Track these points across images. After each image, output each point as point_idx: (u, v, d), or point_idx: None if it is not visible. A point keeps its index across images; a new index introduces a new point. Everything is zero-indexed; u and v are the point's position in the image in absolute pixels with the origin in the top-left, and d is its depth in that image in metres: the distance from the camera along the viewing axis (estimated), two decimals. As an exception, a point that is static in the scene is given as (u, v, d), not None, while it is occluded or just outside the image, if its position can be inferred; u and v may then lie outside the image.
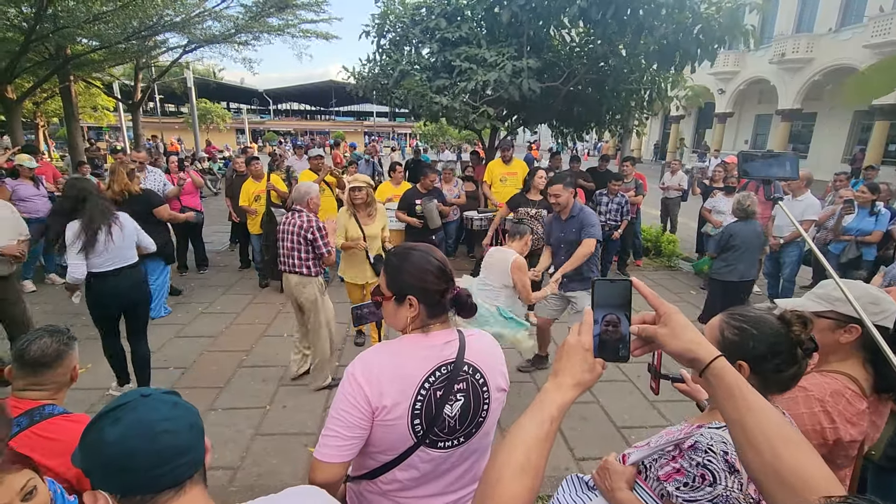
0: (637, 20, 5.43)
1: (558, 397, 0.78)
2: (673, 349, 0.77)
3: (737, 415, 0.71)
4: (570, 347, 0.81)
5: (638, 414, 3.48)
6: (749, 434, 0.69)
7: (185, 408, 0.81)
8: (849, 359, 1.38)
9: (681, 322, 0.78)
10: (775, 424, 0.69)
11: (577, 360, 0.80)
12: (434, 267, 1.25)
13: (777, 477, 0.66)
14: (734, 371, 0.74)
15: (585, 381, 0.80)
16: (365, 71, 7.13)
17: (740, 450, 0.71)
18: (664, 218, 8.52)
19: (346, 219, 4.02)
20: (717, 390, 0.74)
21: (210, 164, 16.57)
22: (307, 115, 59.06)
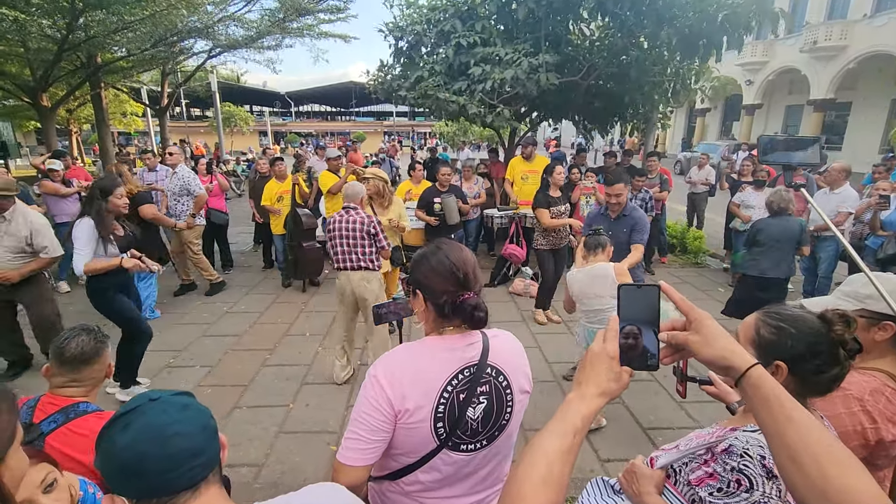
0: (656, 11, 5.29)
1: (582, 407, 0.75)
2: (705, 357, 0.73)
3: (776, 427, 0.67)
4: (595, 356, 0.78)
5: (664, 415, 3.40)
6: (791, 449, 0.65)
7: (196, 409, 0.81)
8: (886, 356, 1.32)
9: (713, 328, 0.74)
10: (820, 439, 0.64)
11: (602, 369, 0.77)
12: (445, 269, 1.21)
13: (823, 497, 0.61)
14: (772, 380, 0.70)
15: (611, 391, 0.77)
16: (382, 77, 7.18)
17: (781, 465, 0.67)
18: (690, 214, 8.31)
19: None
20: (754, 400, 0.70)
21: (234, 167, 16.93)
22: (328, 116, 59.82)
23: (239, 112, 31.74)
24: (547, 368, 4.07)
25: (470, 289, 1.22)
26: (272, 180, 6.09)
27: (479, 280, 1.27)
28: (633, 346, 0.77)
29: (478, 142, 22.32)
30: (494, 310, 5.38)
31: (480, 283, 1.27)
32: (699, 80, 7.39)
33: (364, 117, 55.76)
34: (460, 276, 1.21)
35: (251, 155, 21.66)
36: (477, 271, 1.27)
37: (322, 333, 4.72)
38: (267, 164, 6.77)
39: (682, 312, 0.77)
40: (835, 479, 0.61)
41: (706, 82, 7.99)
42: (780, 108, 24.22)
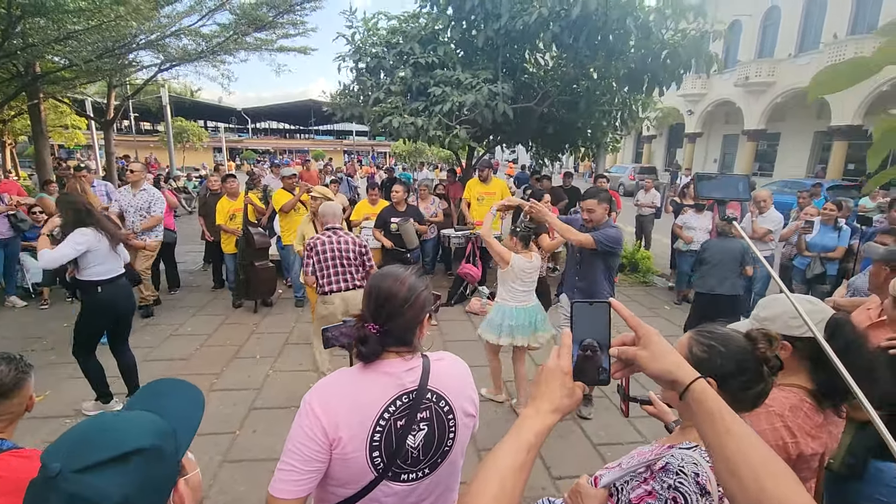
0: (607, 46, 5.63)
1: (537, 424, 0.76)
2: (653, 371, 0.76)
3: (717, 440, 0.69)
4: (549, 372, 0.79)
5: (615, 431, 3.48)
6: (730, 461, 0.66)
7: None
8: (799, 372, 1.41)
9: (661, 344, 0.77)
10: (757, 452, 0.66)
11: (556, 385, 0.78)
12: (370, 290, 1.21)
13: None
14: (714, 394, 0.72)
15: (565, 407, 0.77)
16: (340, 99, 7.21)
17: (721, 477, 0.69)
18: (639, 234, 8.70)
19: (306, 224, 4.35)
20: (697, 414, 0.72)
21: (185, 183, 16.31)
22: (286, 133, 58.90)
23: (192, 127, 30.72)
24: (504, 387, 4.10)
25: (376, 321, 1.17)
26: (224, 198, 5.92)
27: (397, 319, 1.18)
28: (590, 360, 0.78)
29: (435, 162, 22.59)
30: (451, 329, 5.40)
31: (401, 323, 1.19)
32: (645, 110, 7.86)
33: (323, 136, 55.33)
34: (372, 304, 1.19)
35: (204, 171, 20.98)
36: (396, 309, 1.18)
37: (273, 356, 4.57)
38: (218, 182, 6.58)
39: (630, 328, 0.79)
40: (771, 490, 0.63)
41: (651, 112, 8.46)
42: (719, 136, 25.99)
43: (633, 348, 0.77)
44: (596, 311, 0.80)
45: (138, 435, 0.67)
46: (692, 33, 5.70)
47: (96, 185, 6.19)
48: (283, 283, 6.60)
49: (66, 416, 3.45)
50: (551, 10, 5.32)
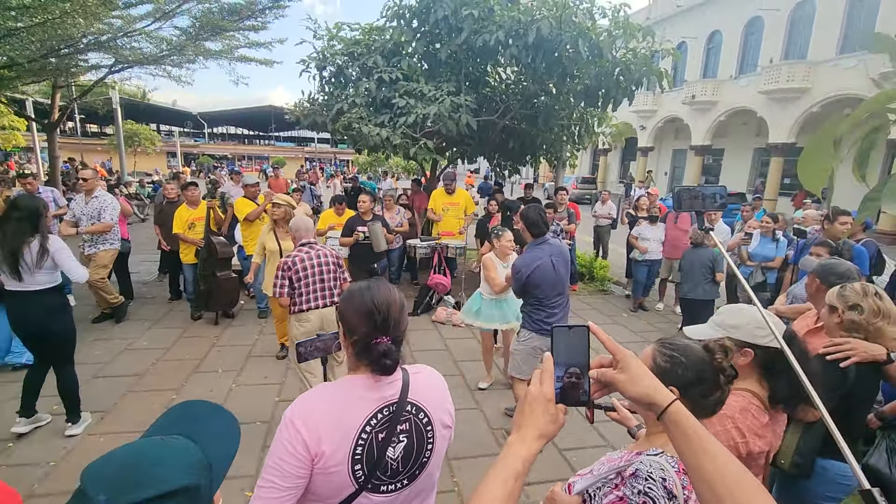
0: (563, 64, 5.89)
1: (522, 451, 0.77)
2: (632, 395, 0.79)
3: (694, 459, 0.73)
4: (533, 399, 0.80)
5: (579, 436, 3.60)
6: (707, 478, 0.71)
7: None
8: (750, 377, 1.55)
9: (638, 368, 0.80)
10: (733, 470, 0.71)
11: (539, 412, 0.78)
12: (365, 308, 1.21)
13: None
14: (690, 415, 0.76)
15: (549, 433, 0.78)
16: (304, 107, 7.17)
17: (699, 493, 0.73)
18: (596, 245, 9.04)
19: (266, 233, 4.32)
20: (675, 434, 0.76)
21: (137, 189, 15.58)
22: (245, 139, 57.34)
23: (144, 131, 29.43)
24: (469, 396, 4.18)
25: (386, 333, 1.20)
26: (183, 206, 5.72)
27: (401, 325, 1.25)
28: (575, 386, 0.80)
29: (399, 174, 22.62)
30: (417, 338, 5.43)
31: (401, 329, 1.25)
32: (601, 125, 8.22)
33: (284, 142, 54.19)
34: (378, 318, 1.20)
35: (157, 177, 20.09)
36: (402, 316, 1.25)
37: (236, 369, 4.46)
38: (176, 189, 6.37)
39: (609, 351, 0.82)
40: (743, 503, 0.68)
41: (606, 127, 8.85)
42: (669, 150, 27.37)
43: (611, 371, 0.80)
44: (575, 335, 0.82)
45: (182, 472, 0.68)
46: (643, 52, 6.05)
47: (42, 192, 5.85)
48: (245, 294, 6.44)
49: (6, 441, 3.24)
50: (508, 33, 5.53)
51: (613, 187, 27.36)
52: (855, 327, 1.85)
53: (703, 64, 23.44)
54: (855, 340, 1.81)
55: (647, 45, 6.15)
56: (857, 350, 1.77)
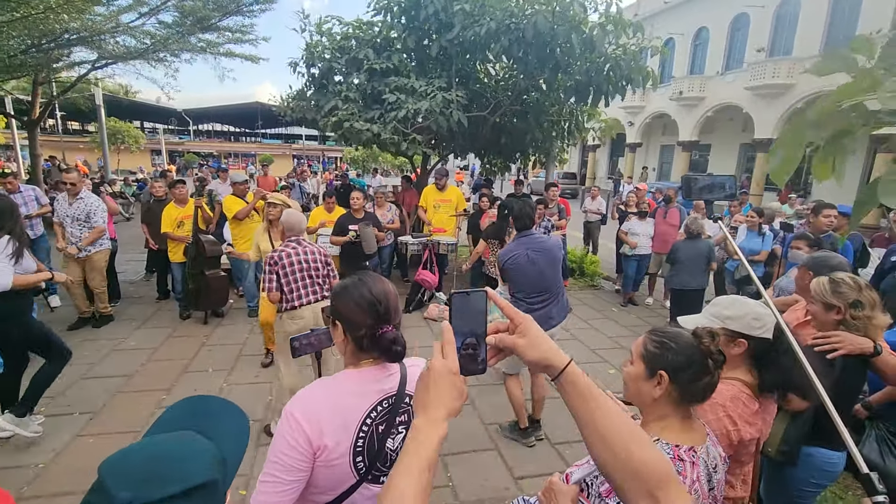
0: (554, 59, 5.90)
1: (434, 436, 0.73)
2: (531, 358, 0.78)
3: (588, 415, 0.75)
4: (438, 374, 0.75)
5: (571, 430, 3.62)
6: (603, 433, 0.74)
7: None
8: (739, 367, 1.58)
9: (537, 332, 0.79)
10: (624, 423, 0.75)
11: (447, 387, 0.75)
12: (366, 301, 1.22)
13: (631, 470, 0.73)
14: (584, 375, 0.78)
15: (456, 409, 0.75)
16: (292, 103, 7.10)
17: (594, 449, 0.76)
18: (586, 240, 9.10)
19: (261, 234, 4.22)
20: (572, 394, 0.77)
21: (122, 188, 15.33)
22: (231, 136, 56.66)
23: (128, 128, 28.95)
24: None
25: (389, 322, 1.23)
26: (171, 204, 5.64)
27: (399, 313, 1.28)
28: (472, 356, 0.78)
29: (390, 169, 22.55)
30: (410, 335, 5.39)
31: (399, 316, 1.29)
32: (590, 121, 8.26)
33: (271, 139, 53.64)
34: (381, 309, 1.23)
35: (142, 175, 19.80)
36: (397, 305, 1.29)
37: (227, 368, 4.42)
38: (163, 187, 6.28)
39: (507, 316, 0.81)
40: (636, 453, 0.73)
41: (595, 123, 8.90)
42: (657, 146, 27.62)
43: (511, 336, 0.79)
44: (474, 300, 0.79)
45: (203, 468, 0.67)
46: (632, 48, 6.08)
47: (23, 190, 5.73)
48: (234, 293, 6.38)
49: None
50: (500, 24, 5.51)
51: (603, 183, 27.55)
52: (858, 325, 1.86)
53: (690, 60, 23.65)
54: (843, 333, 1.84)
55: (636, 41, 6.18)
56: (845, 343, 1.81)
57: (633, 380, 1.28)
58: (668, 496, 0.72)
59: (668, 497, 0.72)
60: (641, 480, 0.73)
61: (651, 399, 1.23)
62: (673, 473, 0.75)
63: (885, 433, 2.16)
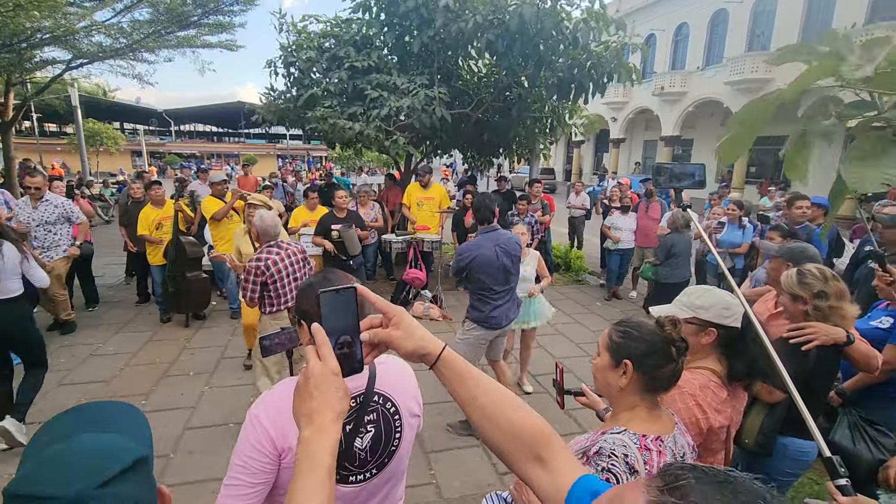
0: (538, 54, 5.90)
1: (326, 442, 0.68)
2: (407, 349, 0.78)
3: (469, 394, 0.78)
4: (319, 379, 0.71)
5: (555, 424, 3.63)
6: (485, 408, 0.77)
7: None
8: (710, 356, 1.60)
9: (411, 322, 0.79)
10: (502, 395, 0.79)
11: (330, 390, 0.71)
12: None
13: (514, 437, 0.76)
14: (461, 357, 0.80)
15: (343, 410, 0.72)
16: (272, 101, 7.02)
17: (479, 426, 0.78)
18: (571, 236, 9.16)
19: (241, 236, 4.16)
20: (451, 377, 0.79)
21: (101, 190, 15.04)
22: (214, 136, 55.88)
23: (107, 130, 28.35)
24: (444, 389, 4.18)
25: None
26: (148, 206, 5.55)
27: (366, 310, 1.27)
28: (348, 355, 0.75)
29: (375, 167, 22.45)
30: (395, 334, 5.40)
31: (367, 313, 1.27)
32: (573, 117, 8.30)
33: (255, 139, 52.98)
34: None
35: (122, 177, 19.43)
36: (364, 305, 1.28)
37: (209, 371, 4.36)
38: (141, 189, 6.17)
39: (379, 310, 0.80)
40: (516, 419, 0.77)
41: (578, 119, 8.94)
42: (640, 142, 27.87)
43: (385, 330, 0.78)
44: (344, 298, 0.77)
45: (133, 445, 0.67)
46: (613, 44, 6.12)
47: (-6, 194, 5.57)
48: (217, 294, 6.30)
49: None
50: (484, 19, 5.50)
51: (588, 179, 27.75)
52: (821, 315, 1.89)
53: (671, 55, 23.91)
54: (816, 324, 1.87)
55: (618, 38, 6.21)
56: (819, 334, 1.83)
57: (601, 371, 1.29)
58: (552, 454, 0.75)
59: (552, 455, 0.75)
60: (526, 444, 0.76)
61: (618, 389, 1.25)
62: (553, 433, 0.78)
63: (857, 419, 2.20)
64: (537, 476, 0.75)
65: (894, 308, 2.46)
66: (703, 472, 0.49)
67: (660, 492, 0.48)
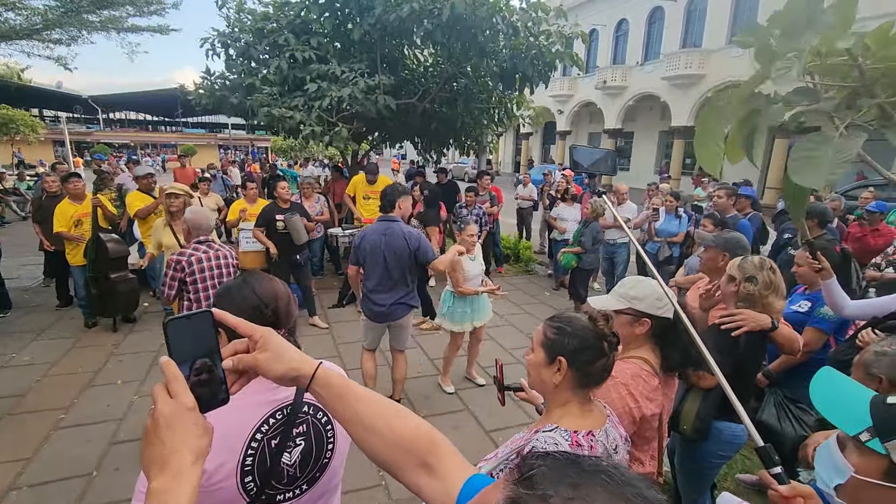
0: (479, 44, 5.88)
1: (185, 490, 0.58)
2: (278, 373, 0.71)
3: (350, 410, 0.74)
4: (170, 417, 0.61)
5: (505, 416, 3.65)
6: (366, 421, 0.74)
7: None
8: (643, 346, 1.64)
9: (280, 343, 0.73)
10: (385, 405, 0.76)
11: (187, 428, 0.61)
12: (249, 304, 1.13)
13: (398, 446, 0.73)
14: (336, 374, 0.75)
15: (204, 449, 0.63)
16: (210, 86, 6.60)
17: (363, 441, 0.74)
18: (520, 227, 9.28)
19: (161, 228, 3.98)
20: (329, 397, 0.74)
21: (16, 183, 13.72)
22: (149, 125, 52.35)
23: (23, 116, 25.80)
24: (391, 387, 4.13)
25: (279, 326, 1.14)
26: (65, 201, 5.05)
27: (292, 315, 1.20)
28: (208, 382, 0.67)
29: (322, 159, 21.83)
30: (343, 330, 5.28)
31: (293, 318, 1.20)
32: (519, 109, 8.38)
33: (195, 128, 50.07)
34: (268, 312, 1.14)
35: (42, 168, 17.83)
36: (290, 306, 1.19)
37: (139, 379, 4.06)
38: (56, 182, 5.64)
39: (242, 334, 0.73)
40: (399, 427, 0.74)
41: (525, 110, 9.03)
42: (585, 134, 28.73)
43: (250, 355, 0.72)
44: (197, 324, 0.69)
45: None
46: (555, 34, 6.19)
47: None
48: (149, 295, 5.89)
49: None
50: (423, 7, 5.40)
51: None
52: (748, 298, 1.99)
53: (612, 50, 24.73)
54: (746, 311, 1.96)
55: (559, 27, 6.29)
56: (748, 320, 1.92)
57: (535, 367, 1.28)
58: (439, 460, 0.73)
59: (439, 461, 0.73)
60: (411, 452, 0.73)
61: (552, 386, 1.23)
62: (438, 436, 0.76)
63: (782, 398, 2.34)
64: (426, 484, 0.72)
65: (812, 293, 2.64)
66: (554, 458, 0.50)
67: (514, 485, 0.48)
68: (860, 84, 0.98)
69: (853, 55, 0.95)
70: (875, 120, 0.93)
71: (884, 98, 0.93)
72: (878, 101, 0.93)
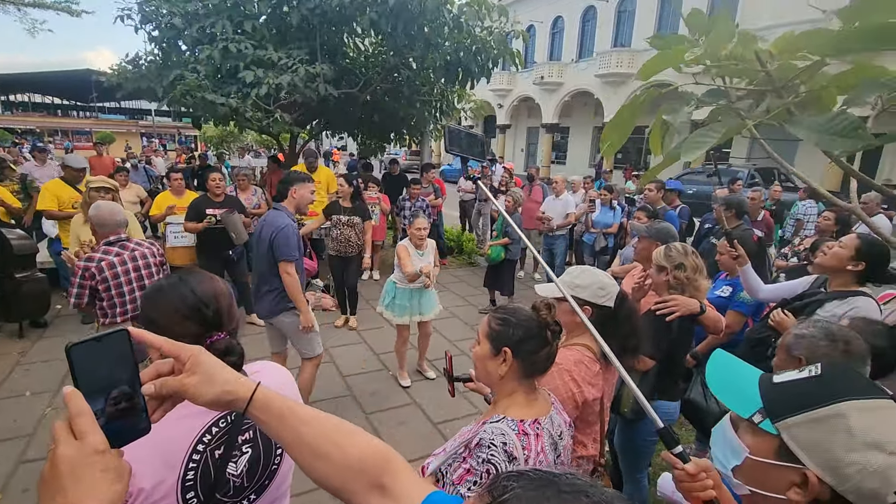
0: (423, 36, 5.84)
1: None
2: (210, 397, 0.64)
3: (294, 433, 0.68)
4: (73, 464, 0.51)
5: (452, 408, 3.67)
6: (312, 445, 0.68)
7: None
8: (585, 333, 1.69)
9: (211, 363, 0.66)
10: (332, 424, 0.71)
11: (95, 476, 0.51)
12: (187, 305, 1.04)
13: (349, 468, 0.68)
14: (276, 395, 0.70)
15: (119, 495, 0.53)
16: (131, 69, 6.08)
17: (311, 468, 0.69)
18: (463, 219, 9.37)
19: (80, 224, 3.70)
20: (269, 420, 0.68)
21: None
22: (58, 110, 47.45)
23: None
24: (341, 382, 4.06)
25: (221, 328, 1.07)
26: (-44, 194, 4.50)
27: (234, 317, 1.12)
28: (128, 412, 0.58)
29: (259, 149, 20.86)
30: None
31: (236, 320, 1.13)
32: (461, 101, 8.43)
33: (113, 114, 45.95)
34: (209, 313, 1.06)
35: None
36: (231, 307, 1.12)
37: (52, 389, 3.70)
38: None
39: (167, 355, 0.65)
40: (349, 446, 0.69)
41: (466, 104, 9.10)
42: (524, 128, 29.48)
43: (176, 378, 0.64)
44: (110, 347, 0.59)
45: None
46: (497, 30, 6.29)
47: None
48: (62, 296, 5.36)
49: None
50: None
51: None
52: (679, 284, 2.13)
53: (549, 47, 25.49)
54: (677, 297, 2.10)
55: (500, 24, 6.38)
56: (680, 306, 2.06)
57: (481, 359, 1.29)
58: (394, 479, 0.69)
59: (394, 480, 0.69)
60: (364, 472, 0.68)
61: (498, 377, 1.25)
62: (391, 453, 0.72)
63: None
64: None
65: (733, 278, 2.87)
66: (528, 479, 0.48)
67: None
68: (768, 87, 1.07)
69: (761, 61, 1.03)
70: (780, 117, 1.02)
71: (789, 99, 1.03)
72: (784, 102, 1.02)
